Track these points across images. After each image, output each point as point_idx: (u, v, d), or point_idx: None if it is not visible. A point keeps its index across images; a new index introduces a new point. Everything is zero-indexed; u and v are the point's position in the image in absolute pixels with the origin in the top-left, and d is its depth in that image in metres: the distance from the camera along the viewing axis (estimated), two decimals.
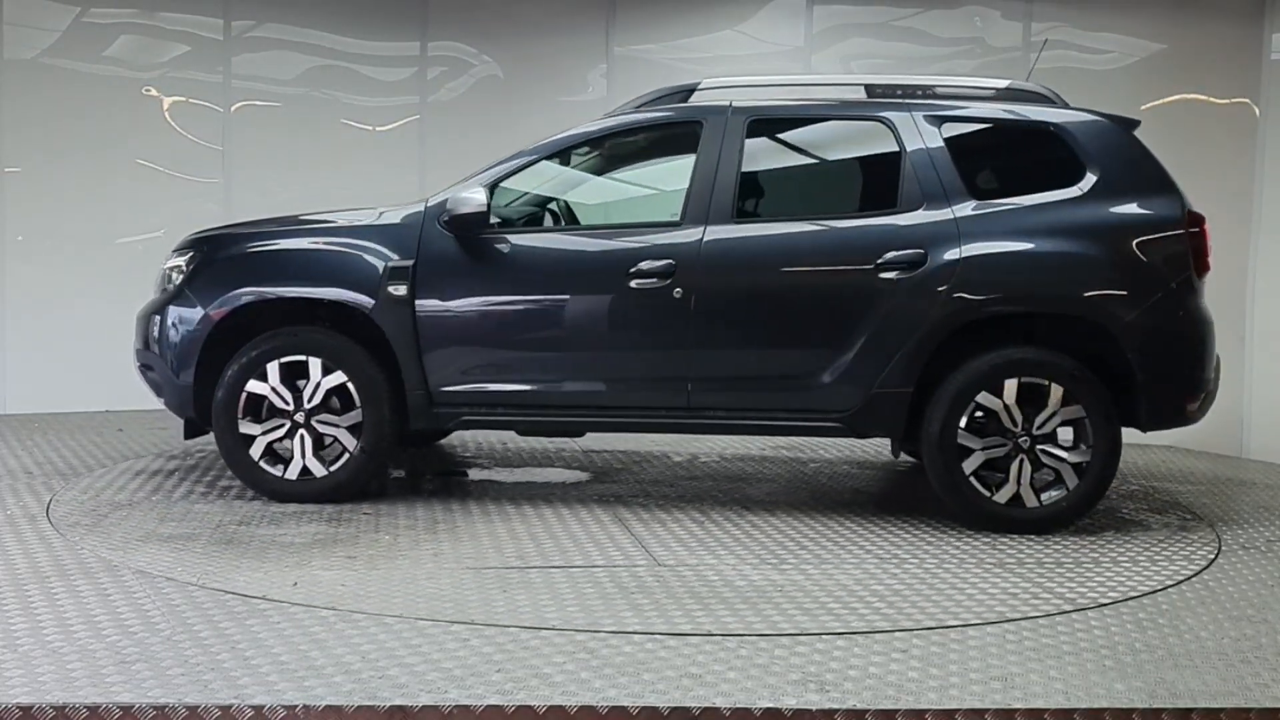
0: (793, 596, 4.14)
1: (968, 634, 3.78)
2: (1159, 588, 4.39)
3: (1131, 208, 5.22)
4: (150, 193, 8.50)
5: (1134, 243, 5.18)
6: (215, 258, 5.66)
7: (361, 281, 5.41)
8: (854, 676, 3.36)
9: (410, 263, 5.39)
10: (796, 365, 5.26)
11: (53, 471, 6.09)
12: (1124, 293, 5.12)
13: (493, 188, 5.45)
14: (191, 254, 5.71)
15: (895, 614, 3.97)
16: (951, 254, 5.13)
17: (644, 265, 5.26)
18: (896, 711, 3.13)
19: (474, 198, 5.30)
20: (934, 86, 5.57)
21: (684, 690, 3.22)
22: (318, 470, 5.44)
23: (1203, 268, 5.23)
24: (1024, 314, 5.27)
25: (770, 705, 3.13)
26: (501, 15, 9.23)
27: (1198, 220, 5.21)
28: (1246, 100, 7.52)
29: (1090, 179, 5.22)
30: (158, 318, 5.64)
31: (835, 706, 3.14)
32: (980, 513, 5.16)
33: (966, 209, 5.21)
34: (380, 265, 5.40)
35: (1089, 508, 5.21)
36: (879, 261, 5.15)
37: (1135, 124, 5.45)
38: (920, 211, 5.23)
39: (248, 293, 5.48)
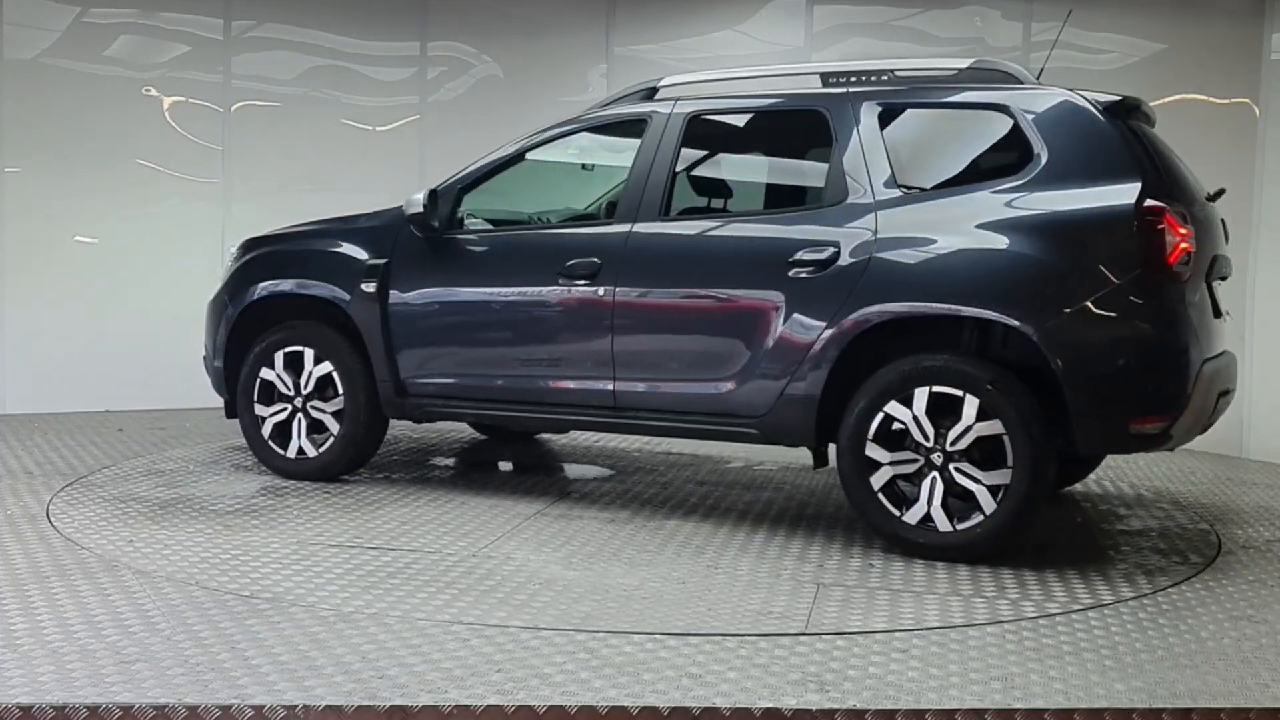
0: (575, 593, 4.14)
1: (968, 634, 3.78)
2: (1159, 588, 4.39)
3: (1074, 197, 4.56)
4: (150, 193, 8.50)
5: (1067, 237, 4.55)
6: (244, 258, 6.27)
7: (341, 279, 5.84)
8: (854, 676, 3.36)
9: (384, 261, 5.76)
10: (711, 367, 5.07)
11: (53, 471, 6.09)
12: (1047, 294, 4.51)
13: (461, 190, 5.70)
14: (236, 254, 6.37)
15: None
16: (864, 252, 4.76)
17: (573, 263, 5.32)
18: (896, 711, 3.13)
19: (416, 199, 5.57)
20: (894, 70, 5.18)
21: (684, 690, 3.22)
22: (310, 451, 5.91)
23: (1160, 266, 4.45)
24: (939, 317, 4.74)
25: (770, 705, 3.13)
26: (501, 15, 9.23)
27: (1155, 211, 4.44)
28: (1246, 100, 7.51)
29: (1036, 166, 4.65)
30: (208, 309, 6.35)
31: (835, 706, 3.14)
32: (888, 533, 4.71)
33: (890, 203, 4.81)
34: (359, 263, 5.80)
35: (1009, 536, 4.57)
36: (790, 260, 4.88)
37: (1120, 104, 4.78)
38: (843, 206, 4.89)
39: (258, 288, 6.08)
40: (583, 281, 5.29)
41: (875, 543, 4.87)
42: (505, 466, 6.65)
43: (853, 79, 5.18)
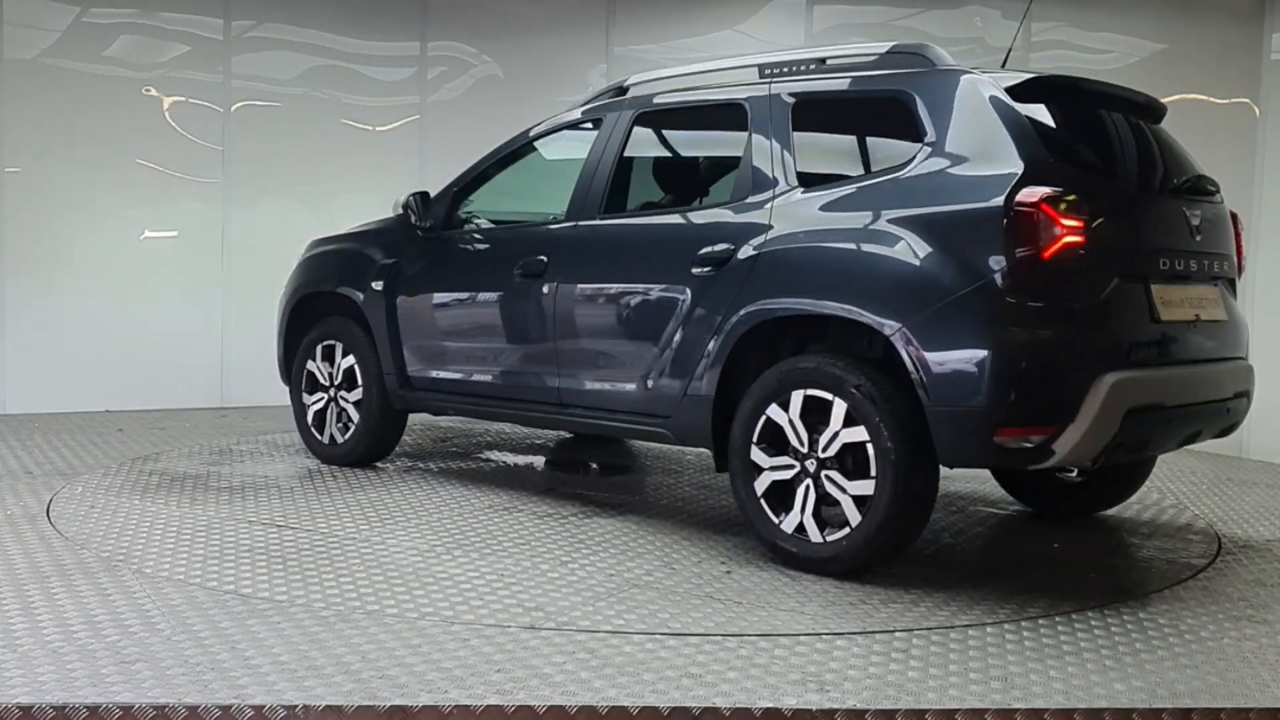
0: (387, 576, 4.27)
1: (968, 634, 3.78)
2: (1159, 588, 4.38)
3: (950, 187, 4.22)
4: (150, 193, 8.51)
5: (937, 229, 4.17)
6: (304, 257, 6.71)
7: (358, 278, 6.20)
8: (854, 676, 3.36)
9: (393, 261, 6.08)
10: (632, 365, 5.05)
11: (53, 471, 6.09)
12: (908, 291, 4.16)
13: (456, 192, 5.93)
14: (303, 253, 6.76)
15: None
16: (754, 250, 4.61)
17: (526, 261, 5.44)
18: (896, 711, 3.13)
19: (398, 201, 5.95)
20: (826, 58, 4.94)
21: (684, 690, 3.22)
22: (339, 438, 6.36)
23: (1033, 261, 4.00)
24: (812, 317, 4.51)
25: (770, 705, 3.12)
26: (501, 15, 9.24)
27: (1029, 202, 4.00)
28: (1246, 100, 7.52)
29: (924, 155, 4.33)
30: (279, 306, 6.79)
31: (835, 706, 3.13)
32: (769, 541, 4.50)
33: (786, 198, 4.63)
34: (374, 263, 6.15)
35: (879, 552, 4.28)
36: (694, 257, 4.78)
37: (1031, 84, 4.40)
38: (746, 202, 4.75)
39: (305, 286, 6.55)
40: (534, 279, 5.40)
41: (761, 551, 4.68)
42: (557, 465, 6.79)
43: (784, 69, 4.98)
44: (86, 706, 3.00)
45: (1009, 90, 4.32)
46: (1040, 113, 4.36)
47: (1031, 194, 4.01)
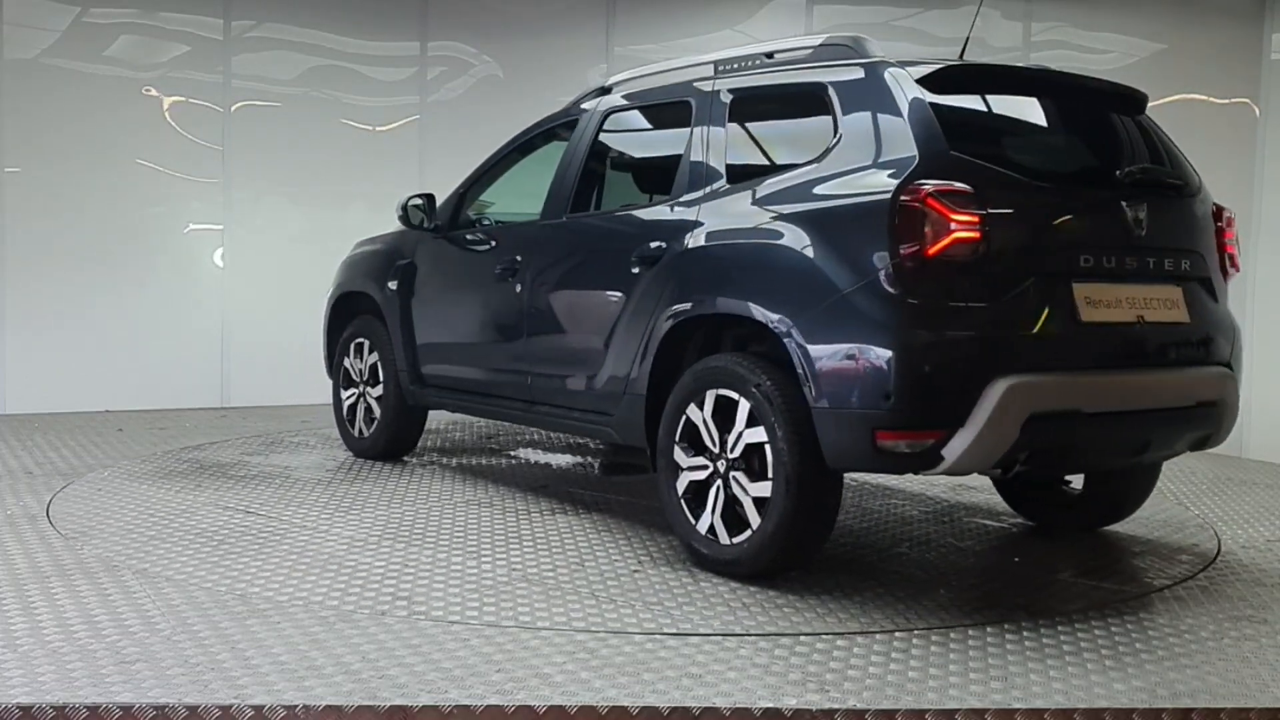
0: (297, 561, 4.42)
1: (968, 634, 3.78)
2: (1159, 588, 4.38)
3: (847, 182, 4.09)
4: (150, 193, 8.51)
5: (827, 226, 4.07)
6: (345, 258, 6.93)
7: (378, 278, 6.46)
8: (854, 676, 3.36)
9: (406, 261, 6.30)
10: (582, 363, 5.07)
11: (53, 471, 6.09)
12: (798, 289, 4.07)
13: (461, 194, 6.09)
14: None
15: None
16: (680, 247, 4.58)
17: (505, 260, 5.57)
18: (896, 711, 3.13)
19: (399, 204, 6.13)
20: (774, 53, 4.84)
21: (684, 690, 3.21)
22: (365, 432, 6.63)
23: (919, 258, 3.79)
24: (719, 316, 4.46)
25: (770, 705, 3.12)
26: (501, 15, 9.24)
27: (915, 196, 3.81)
28: (1246, 100, 7.51)
29: (832, 149, 4.22)
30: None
31: (835, 706, 3.13)
32: (686, 542, 4.44)
33: (714, 195, 4.58)
34: (392, 264, 6.38)
35: (779, 556, 4.15)
36: (632, 256, 4.76)
37: (944, 73, 4.18)
38: (680, 200, 4.72)
39: (339, 287, 6.87)
40: (510, 278, 5.51)
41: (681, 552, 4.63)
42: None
43: (734, 65, 4.92)
44: (86, 706, 3.00)
45: (924, 80, 4.12)
46: (959, 103, 4.19)
47: (918, 188, 3.82)
